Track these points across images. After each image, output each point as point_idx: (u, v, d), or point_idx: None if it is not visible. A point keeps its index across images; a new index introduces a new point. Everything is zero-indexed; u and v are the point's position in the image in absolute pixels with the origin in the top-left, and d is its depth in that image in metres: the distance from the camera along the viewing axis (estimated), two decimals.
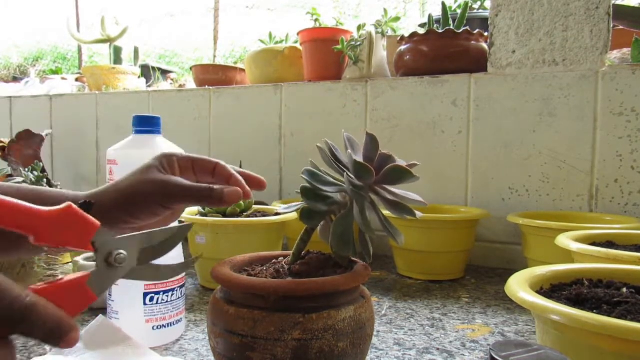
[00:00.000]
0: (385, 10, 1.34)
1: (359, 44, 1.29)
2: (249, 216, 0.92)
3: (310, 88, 1.35)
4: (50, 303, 0.29)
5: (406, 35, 1.22)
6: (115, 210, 0.43)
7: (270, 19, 3.75)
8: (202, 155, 0.48)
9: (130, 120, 0.64)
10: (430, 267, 0.97)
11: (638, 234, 0.76)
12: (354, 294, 0.47)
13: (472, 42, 1.17)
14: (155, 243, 0.36)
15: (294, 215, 0.89)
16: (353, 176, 0.47)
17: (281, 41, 1.53)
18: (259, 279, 0.46)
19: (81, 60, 2.94)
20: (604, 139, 1.03)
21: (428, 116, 1.19)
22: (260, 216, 0.92)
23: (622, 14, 1.17)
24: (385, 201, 0.49)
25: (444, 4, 1.24)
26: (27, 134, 1.59)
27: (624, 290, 0.49)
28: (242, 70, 1.59)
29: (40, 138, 1.61)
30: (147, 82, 1.97)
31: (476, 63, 1.16)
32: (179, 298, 0.64)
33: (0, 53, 4.28)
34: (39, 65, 4.01)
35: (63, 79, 2.18)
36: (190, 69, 1.68)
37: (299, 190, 0.48)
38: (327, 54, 1.33)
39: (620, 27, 1.20)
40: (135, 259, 0.34)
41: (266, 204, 1.13)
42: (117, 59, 1.89)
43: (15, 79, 2.82)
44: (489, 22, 1.15)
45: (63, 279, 0.31)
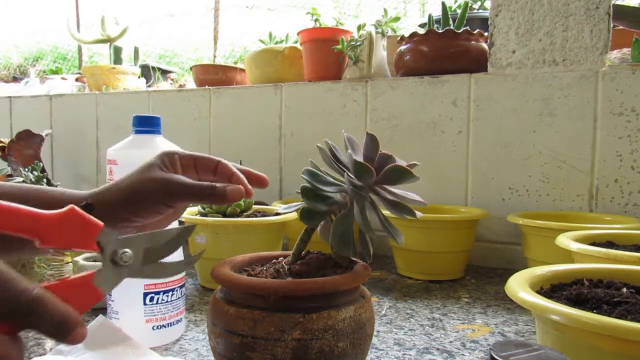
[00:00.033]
0: (385, 10, 1.34)
1: (359, 44, 1.29)
2: (249, 216, 0.92)
3: (310, 88, 1.35)
4: (57, 297, 0.29)
5: (406, 35, 1.22)
6: (117, 208, 0.43)
7: (270, 19, 3.75)
8: (204, 154, 0.48)
9: (130, 120, 0.64)
10: (430, 267, 0.97)
11: (638, 234, 0.76)
12: (354, 294, 0.47)
13: (472, 42, 1.17)
14: (159, 243, 0.36)
15: (294, 215, 0.89)
16: (353, 176, 0.47)
17: (281, 41, 1.53)
18: (259, 279, 0.46)
19: (81, 60, 2.94)
20: (604, 139, 1.03)
21: (428, 116, 1.19)
22: (260, 216, 0.92)
23: (622, 14, 1.17)
24: (385, 201, 0.49)
25: (444, 4, 1.24)
26: (27, 134, 1.59)
27: (624, 290, 0.49)
28: (242, 70, 1.59)
29: (40, 138, 1.61)
30: (147, 82, 1.97)
31: (476, 63, 1.16)
32: (179, 298, 0.64)
33: (0, 53, 4.28)
34: (39, 65, 4.01)
35: (63, 79, 2.18)
36: (190, 69, 1.68)
37: (299, 190, 0.48)
38: (327, 54, 1.33)
39: (620, 27, 1.20)
40: (140, 258, 0.34)
41: (266, 204, 1.13)
42: (117, 59, 1.89)
43: (15, 79, 2.82)
44: (489, 22, 1.15)
45: (69, 277, 0.31)
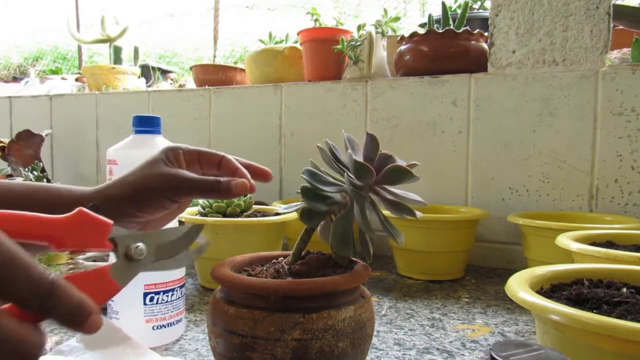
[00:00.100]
0: (385, 10, 1.34)
1: (359, 44, 1.29)
2: (249, 216, 0.92)
3: (310, 88, 1.35)
4: (72, 284, 0.29)
5: (406, 35, 1.22)
6: (122, 204, 0.43)
7: (270, 19, 3.75)
8: (208, 149, 0.48)
9: (130, 120, 0.64)
10: (430, 267, 0.97)
11: (638, 234, 0.76)
12: (354, 294, 0.47)
13: (472, 42, 1.17)
14: (169, 240, 0.36)
15: (294, 215, 0.89)
16: (353, 176, 0.47)
17: (281, 41, 1.53)
18: (259, 279, 0.46)
19: (81, 60, 2.94)
20: (604, 139, 1.03)
21: (428, 116, 1.19)
22: (260, 216, 0.92)
23: (622, 14, 1.17)
24: (385, 201, 0.49)
25: (444, 4, 1.24)
26: (27, 134, 1.59)
27: (624, 290, 0.49)
28: (242, 70, 1.59)
29: (40, 138, 1.62)
30: (147, 82, 1.97)
31: (476, 63, 1.16)
32: (179, 298, 0.64)
33: (0, 53, 4.28)
34: (39, 65, 4.01)
35: (63, 79, 2.18)
36: (190, 69, 1.68)
37: (299, 190, 0.48)
38: (327, 54, 1.33)
39: (620, 27, 1.20)
40: (152, 254, 0.35)
41: (266, 204, 1.13)
42: (117, 59, 1.89)
43: (15, 79, 2.82)
44: (489, 22, 1.15)
45: (85, 270, 0.31)
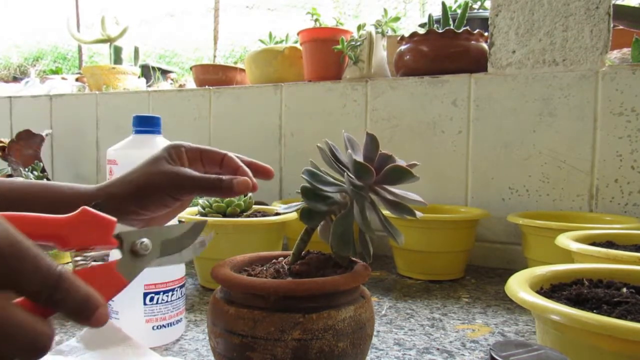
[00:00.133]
0: (385, 10, 1.34)
1: (359, 44, 1.29)
2: (249, 216, 0.92)
3: (310, 88, 1.35)
4: (79, 278, 0.28)
5: (406, 35, 1.22)
6: (124, 202, 0.43)
7: (270, 19, 3.75)
8: (210, 147, 0.48)
9: (130, 120, 0.64)
10: (430, 267, 0.97)
11: (638, 234, 0.76)
12: (354, 294, 0.47)
13: (472, 42, 1.17)
14: (175, 236, 0.36)
15: (294, 215, 0.89)
16: (353, 176, 0.47)
17: (281, 41, 1.53)
18: (259, 279, 0.46)
19: (81, 60, 2.94)
20: (604, 139, 1.03)
21: (428, 116, 1.19)
22: (260, 216, 0.92)
23: (622, 14, 1.17)
24: (385, 201, 0.49)
25: (444, 4, 1.24)
26: (27, 134, 1.59)
27: (624, 290, 0.49)
28: (242, 70, 1.59)
29: (40, 138, 1.62)
30: (147, 82, 1.97)
31: (476, 63, 1.16)
32: (179, 298, 0.64)
33: (0, 53, 4.28)
34: (39, 65, 4.00)
35: (63, 79, 2.18)
36: (190, 69, 1.68)
37: (299, 190, 0.48)
38: (327, 54, 1.33)
39: (620, 27, 1.20)
40: (158, 250, 0.35)
41: (266, 204, 1.13)
42: (117, 59, 1.89)
43: (15, 79, 2.82)
44: (489, 22, 1.15)
45: (92, 265, 0.31)
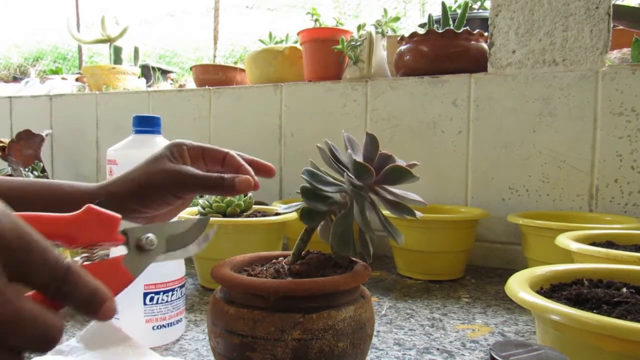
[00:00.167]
0: (385, 10, 1.34)
1: (359, 44, 1.29)
2: (249, 216, 0.91)
3: (310, 88, 1.35)
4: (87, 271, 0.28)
5: (406, 35, 1.22)
6: (126, 200, 0.43)
7: (270, 19, 3.75)
8: (212, 145, 0.48)
9: (130, 120, 0.64)
10: (430, 267, 0.97)
11: (638, 234, 0.76)
12: (354, 294, 0.47)
13: (472, 42, 1.17)
14: (180, 231, 0.37)
15: (294, 215, 0.89)
16: (353, 176, 0.47)
17: (281, 41, 1.53)
18: (259, 279, 0.46)
19: (81, 60, 2.94)
20: (604, 139, 1.03)
21: (428, 116, 1.19)
22: (260, 216, 0.92)
23: (622, 14, 1.17)
24: (385, 201, 0.49)
25: (444, 4, 1.24)
26: (27, 134, 1.59)
27: (624, 290, 0.49)
28: (242, 70, 1.59)
29: (40, 138, 1.62)
30: (147, 82, 1.97)
31: (476, 63, 1.16)
32: (179, 298, 0.64)
33: (0, 53, 4.28)
34: (39, 65, 4.01)
35: (63, 79, 2.18)
36: (190, 69, 1.69)
37: (299, 190, 0.48)
38: (327, 54, 1.33)
39: (620, 27, 1.20)
40: (163, 245, 0.35)
41: (266, 204, 1.13)
42: (117, 59, 1.89)
43: (15, 79, 2.82)
44: (489, 22, 1.15)
45: (98, 261, 0.31)
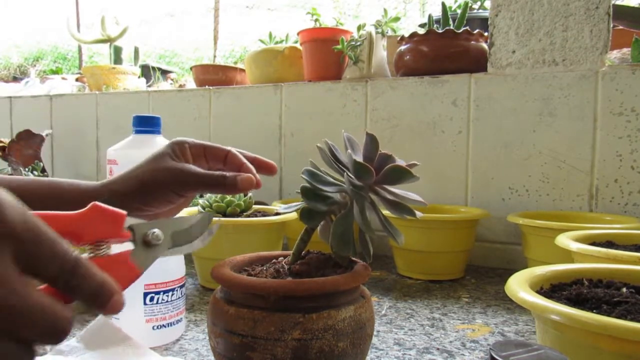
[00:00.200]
0: (385, 10, 1.34)
1: (359, 44, 1.29)
2: (249, 216, 0.91)
3: (310, 88, 1.35)
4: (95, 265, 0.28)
5: (406, 35, 1.22)
6: (128, 198, 0.43)
7: (270, 19, 3.75)
8: (214, 143, 0.48)
9: (130, 120, 0.64)
10: (430, 267, 0.97)
11: (638, 234, 0.76)
12: (354, 294, 0.47)
13: (472, 42, 1.17)
14: (184, 227, 0.37)
15: (294, 215, 0.89)
16: (353, 176, 0.47)
17: (281, 41, 1.53)
18: (259, 279, 0.46)
19: (81, 60, 2.94)
20: (604, 139, 1.03)
21: (428, 116, 1.19)
22: (260, 216, 0.92)
23: (622, 14, 1.17)
24: (385, 201, 0.49)
25: (444, 4, 1.24)
26: (27, 134, 1.59)
27: (624, 290, 0.49)
28: (242, 70, 1.59)
29: (40, 138, 1.62)
30: (147, 82, 1.97)
31: (476, 63, 1.16)
32: (179, 298, 0.64)
33: (0, 53, 4.28)
34: (39, 65, 4.01)
35: (63, 79, 2.18)
36: (190, 69, 1.69)
37: (299, 190, 0.48)
38: (327, 54, 1.33)
39: (620, 27, 1.20)
40: (169, 241, 0.35)
41: (266, 204, 1.13)
42: (117, 59, 1.89)
43: (15, 79, 2.82)
44: (489, 22, 1.15)
45: (105, 255, 0.31)
